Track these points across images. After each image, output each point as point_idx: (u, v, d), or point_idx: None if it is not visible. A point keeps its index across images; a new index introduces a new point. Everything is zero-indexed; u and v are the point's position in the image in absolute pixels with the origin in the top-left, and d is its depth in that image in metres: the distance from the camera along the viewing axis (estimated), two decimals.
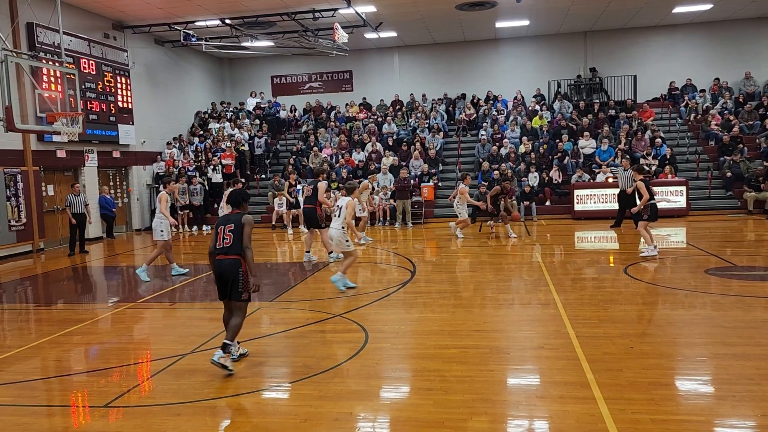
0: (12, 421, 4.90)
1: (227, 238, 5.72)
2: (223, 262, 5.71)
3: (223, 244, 5.73)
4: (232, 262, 5.68)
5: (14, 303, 10.30)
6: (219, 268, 5.75)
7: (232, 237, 5.71)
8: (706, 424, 4.37)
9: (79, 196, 15.03)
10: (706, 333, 6.51)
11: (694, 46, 23.31)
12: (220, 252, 5.74)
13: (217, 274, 5.78)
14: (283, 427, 4.54)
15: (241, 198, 6.08)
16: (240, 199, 6.06)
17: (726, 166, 18.50)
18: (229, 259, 5.68)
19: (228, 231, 5.75)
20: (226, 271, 5.70)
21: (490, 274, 10.48)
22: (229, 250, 5.70)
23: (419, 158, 20.18)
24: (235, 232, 5.72)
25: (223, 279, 5.74)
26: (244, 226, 5.74)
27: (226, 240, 5.73)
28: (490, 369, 5.62)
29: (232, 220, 5.80)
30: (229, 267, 5.68)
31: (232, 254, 5.68)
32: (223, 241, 5.74)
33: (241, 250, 5.69)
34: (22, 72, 13.24)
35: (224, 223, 5.82)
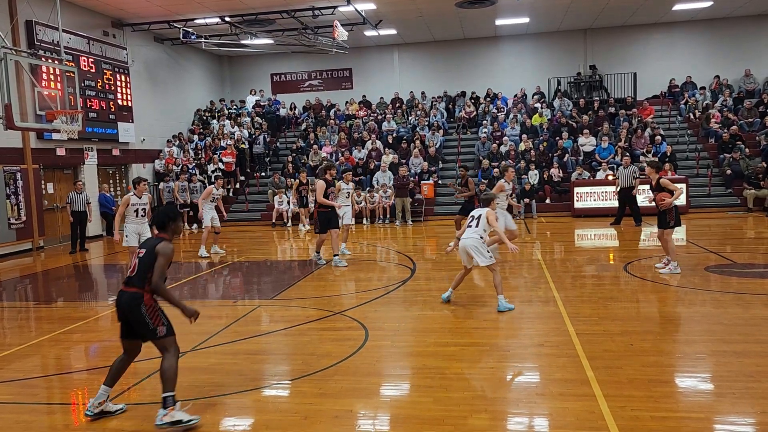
0: (12, 418, 4.90)
1: (132, 265, 4.70)
2: (122, 295, 4.65)
3: (129, 272, 4.71)
4: (131, 296, 4.58)
5: (14, 301, 10.31)
6: (117, 300, 4.69)
7: (137, 266, 4.64)
8: (706, 421, 4.37)
9: (81, 194, 15.04)
10: (706, 330, 6.52)
11: (694, 43, 23.30)
12: (124, 281, 4.72)
13: (117, 307, 4.73)
14: (283, 425, 4.54)
15: (167, 218, 4.80)
16: (165, 220, 4.80)
17: (726, 163, 18.50)
18: (129, 292, 4.60)
19: (136, 257, 4.72)
20: (123, 307, 4.63)
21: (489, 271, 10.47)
22: (130, 281, 4.63)
23: (419, 156, 20.18)
24: (143, 260, 4.62)
25: (122, 315, 4.70)
26: (158, 257, 4.59)
27: (131, 268, 4.70)
28: (490, 366, 5.62)
29: (147, 245, 4.71)
30: (127, 302, 4.59)
31: (133, 287, 4.60)
32: (131, 268, 4.72)
33: (143, 284, 4.57)
34: (22, 70, 13.27)
35: (140, 246, 4.84)
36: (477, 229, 7.78)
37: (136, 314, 4.56)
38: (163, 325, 4.62)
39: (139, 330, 4.63)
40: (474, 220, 7.91)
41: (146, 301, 4.57)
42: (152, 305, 4.61)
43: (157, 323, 4.60)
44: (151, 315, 4.58)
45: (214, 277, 11.26)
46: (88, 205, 15.13)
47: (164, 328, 4.63)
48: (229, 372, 5.71)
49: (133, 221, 10.08)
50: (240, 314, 7.99)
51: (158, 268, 4.57)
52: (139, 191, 10.08)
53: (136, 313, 4.56)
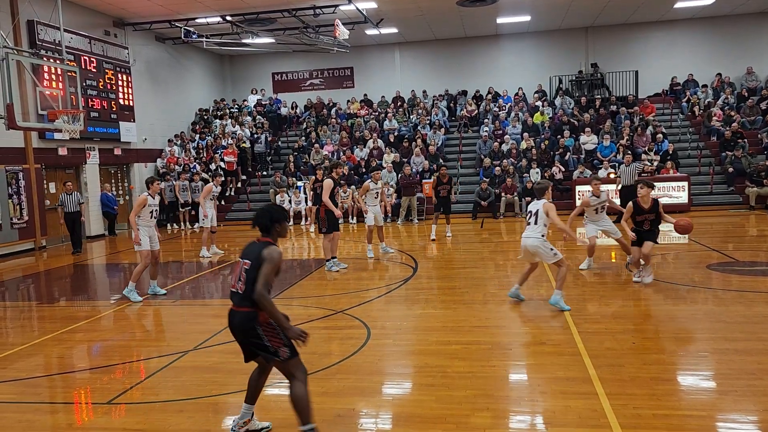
0: (15, 418, 4.91)
1: (241, 279, 4.09)
2: (234, 316, 4.12)
3: (237, 288, 4.11)
4: (244, 317, 4.04)
5: (17, 300, 10.33)
6: (230, 322, 4.17)
7: (245, 280, 4.04)
8: (708, 419, 4.37)
9: (72, 195, 14.70)
10: (708, 328, 6.51)
11: (696, 41, 23.26)
12: (232, 299, 4.16)
13: (231, 329, 4.21)
14: (286, 423, 4.54)
15: (272, 220, 4.18)
16: (269, 221, 4.18)
17: (728, 161, 18.48)
18: (242, 312, 4.06)
19: (243, 269, 4.09)
20: (237, 329, 4.12)
21: (492, 270, 10.49)
22: (240, 299, 4.08)
23: (420, 155, 20.17)
24: (251, 273, 4.02)
25: (238, 337, 4.18)
26: (263, 263, 3.98)
27: (240, 283, 4.08)
28: (492, 365, 5.62)
29: (251, 254, 4.08)
30: (241, 323, 4.07)
31: (245, 306, 4.04)
32: (237, 282, 4.12)
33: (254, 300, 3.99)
34: (24, 70, 13.27)
35: (243, 255, 4.16)
36: (536, 227, 7.39)
37: (253, 336, 4.03)
38: (285, 346, 4.03)
39: (259, 353, 4.11)
40: (532, 216, 7.50)
41: (262, 320, 4.00)
42: (268, 324, 4.01)
43: (278, 345, 4.01)
44: (270, 336, 4.01)
45: (215, 276, 11.26)
46: (80, 205, 14.82)
47: (287, 349, 4.04)
48: (232, 371, 5.72)
49: (147, 223, 9.15)
50: None
51: (263, 276, 3.95)
52: (153, 191, 9.26)
53: (253, 334, 4.02)
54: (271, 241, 4.12)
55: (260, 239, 4.15)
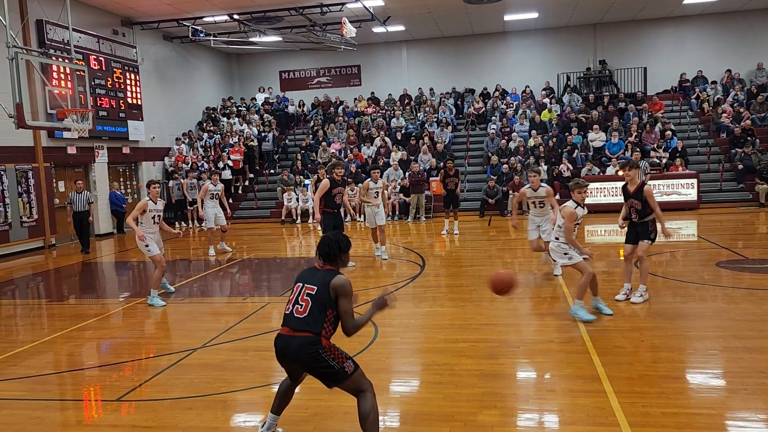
0: (25, 414, 4.95)
1: (300, 303, 3.88)
2: (290, 341, 3.85)
3: (294, 311, 3.88)
4: (305, 342, 3.81)
5: (27, 298, 10.41)
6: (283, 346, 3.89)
7: (309, 306, 3.85)
8: (718, 417, 4.35)
9: (82, 194, 14.57)
10: (718, 326, 6.47)
11: (705, 37, 23.09)
12: (288, 323, 3.90)
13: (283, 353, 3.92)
14: (293, 421, 4.55)
15: (338, 249, 4.02)
16: (336, 251, 4.01)
17: (737, 158, 18.35)
18: (301, 337, 3.82)
19: (306, 294, 3.89)
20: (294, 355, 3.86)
21: (499, 267, 10.46)
22: (299, 323, 3.84)
23: (428, 152, 20.14)
24: (316, 299, 3.85)
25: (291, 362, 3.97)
26: (339, 298, 3.86)
27: (299, 306, 3.87)
28: (500, 363, 5.61)
29: (315, 280, 3.91)
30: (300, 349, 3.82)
31: (305, 331, 3.82)
32: (294, 305, 3.90)
33: (320, 328, 3.81)
34: (32, 69, 13.35)
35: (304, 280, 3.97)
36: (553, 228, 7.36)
37: (316, 361, 3.81)
38: (347, 359, 3.89)
39: (323, 376, 3.88)
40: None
41: (324, 345, 3.82)
42: (330, 346, 3.86)
43: (342, 360, 3.85)
44: (334, 356, 3.84)
45: (223, 274, 11.30)
46: (89, 205, 14.69)
47: (350, 362, 3.89)
48: (240, 368, 5.74)
49: (150, 229, 8.68)
50: (250, 311, 8.03)
51: (347, 313, 3.86)
52: (153, 195, 8.79)
53: (318, 359, 3.80)
54: (336, 270, 3.97)
55: (324, 266, 3.99)
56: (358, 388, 3.89)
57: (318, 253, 4.02)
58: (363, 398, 3.87)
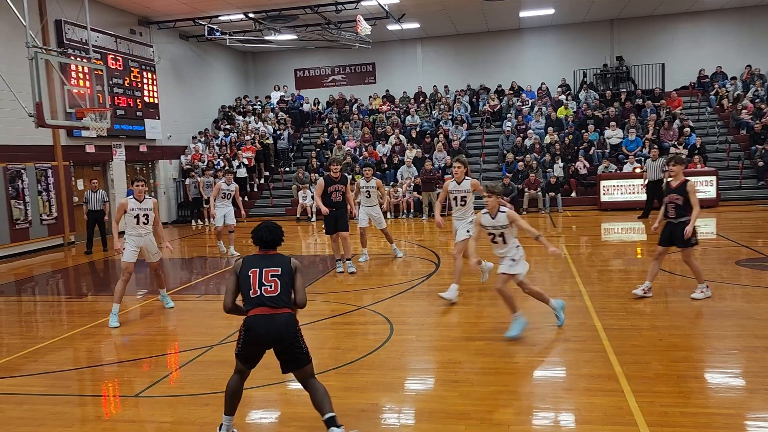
0: (46, 410, 5.02)
1: (268, 284, 4.08)
2: (274, 319, 4.01)
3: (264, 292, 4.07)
4: (289, 319, 4.06)
5: (47, 295, 10.56)
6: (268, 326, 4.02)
7: (279, 284, 4.08)
8: (737, 417, 4.29)
9: (97, 193, 14.31)
10: (737, 325, 6.39)
11: (724, 32, 22.76)
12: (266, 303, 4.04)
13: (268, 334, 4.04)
14: (309, 418, 4.57)
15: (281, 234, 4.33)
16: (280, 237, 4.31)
17: (758, 155, 18.08)
18: (284, 314, 4.05)
19: (270, 275, 4.11)
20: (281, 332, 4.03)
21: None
22: (281, 302, 4.06)
23: (442, 150, 20.09)
24: (283, 278, 4.10)
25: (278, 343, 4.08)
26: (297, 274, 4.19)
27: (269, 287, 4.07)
28: (515, 361, 5.59)
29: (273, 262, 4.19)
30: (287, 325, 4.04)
31: (285, 308, 4.07)
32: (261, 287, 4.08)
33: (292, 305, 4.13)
34: (52, 68, 13.50)
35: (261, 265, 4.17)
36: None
37: (294, 340, 4.04)
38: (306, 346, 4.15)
39: (292, 358, 4.10)
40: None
41: (298, 326, 4.10)
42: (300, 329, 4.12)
43: (306, 348, 4.12)
44: (303, 340, 4.09)
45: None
46: (105, 204, 14.44)
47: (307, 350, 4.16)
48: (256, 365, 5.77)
49: (134, 232, 8.06)
50: None
51: (303, 287, 4.17)
52: (137, 193, 8.07)
53: (294, 339, 4.03)
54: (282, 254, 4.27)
55: (270, 252, 4.25)
56: (311, 372, 4.16)
57: (260, 241, 4.24)
58: (315, 381, 4.16)
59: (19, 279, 11.76)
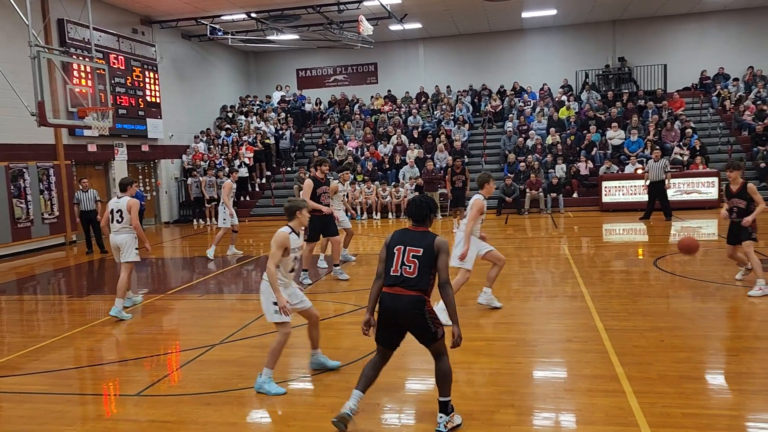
0: (47, 408, 5.02)
1: (408, 264, 4.17)
2: (400, 299, 4.16)
3: (402, 272, 4.17)
4: (414, 301, 4.15)
5: (48, 294, 10.56)
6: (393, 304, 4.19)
7: (418, 265, 4.15)
8: (739, 418, 4.29)
9: (88, 192, 14.04)
10: (739, 326, 6.39)
11: (727, 33, 22.73)
12: (397, 283, 4.17)
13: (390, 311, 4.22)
14: (310, 417, 4.57)
15: (430, 209, 4.37)
16: (428, 210, 4.35)
17: (760, 156, 18.06)
18: (411, 296, 4.14)
19: (411, 255, 4.18)
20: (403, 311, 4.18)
21: (516, 266, 10.40)
22: (412, 284, 4.15)
23: (444, 150, 20.09)
24: (423, 259, 4.16)
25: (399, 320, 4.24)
26: (441, 254, 4.18)
27: (408, 268, 4.16)
28: (517, 362, 5.58)
29: (417, 241, 4.22)
30: (411, 306, 4.15)
31: (416, 290, 4.15)
32: (402, 267, 4.18)
33: (428, 286, 4.20)
34: (54, 68, 13.55)
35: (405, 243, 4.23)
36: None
37: (419, 320, 4.17)
38: (440, 325, 4.26)
39: (421, 336, 4.26)
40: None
41: (428, 308, 4.19)
42: (432, 310, 4.23)
43: (438, 326, 4.23)
44: (434, 320, 4.21)
45: (240, 271, 11.36)
46: (97, 203, 14.12)
47: (442, 329, 4.25)
48: (257, 365, 5.75)
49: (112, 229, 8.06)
50: None
51: (446, 266, 4.20)
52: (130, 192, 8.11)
53: (420, 318, 4.17)
54: (430, 231, 4.32)
55: (416, 228, 4.32)
56: (440, 351, 4.29)
57: (409, 215, 4.36)
58: (443, 361, 4.29)
59: (20, 278, 11.78)
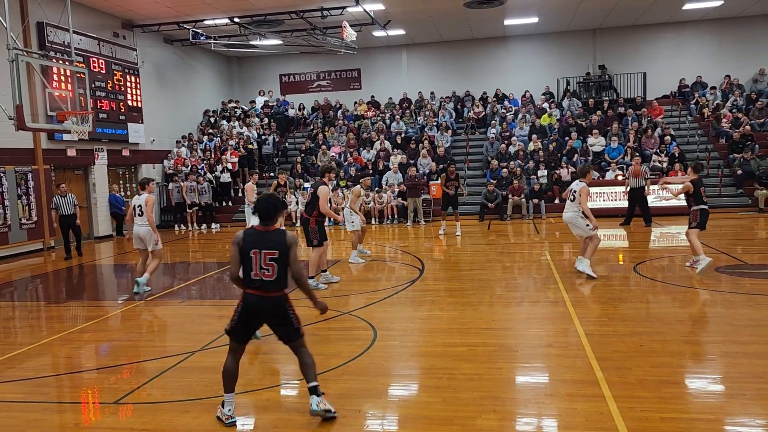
0: (23, 417, 4.94)
1: (268, 269, 4.43)
2: (265, 300, 4.50)
3: (262, 276, 4.44)
4: (278, 301, 4.52)
5: (25, 300, 10.40)
6: (258, 307, 4.52)
7: (275, 268, 4.43)
8: (716, 422, 4.34)
9: (66, 197, 13.91)
10: (717, 331, 6.47)
11: (705, 42, 23.15)
12: (260, 287, 4.46)
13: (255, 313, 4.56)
14: (291, 425, 4.55)
15: (276, 208, 4.58)
16: (273, 210, 4.56)
17: (737, 163, 18.37)
18: (274, 297, 4.50)
19: (269, 260, 4.43)
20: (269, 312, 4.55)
21: (498, 272, 10.46)
22: (273, 286, 4.47)
23: (427, 156, 20.16)
24: (279, 261, 4.44)
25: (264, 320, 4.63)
26: (290, 249, 4.47)
27: (267, 272, 4.43)
28: (498, 367, 5.61)
29: (271, 242, 4.46)
30: (276, 306, 4.52)
31: (278, 291, 4.50)
32: (260, 270, 4.44)
33: (286, 285, 4.53)
34: (33, 71, 13.37)
35: (261, 246, 4.45)
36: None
37: (284, 317, 4.55)
38: (300, 323, 4.64)
39: (284, 334, 4.61)
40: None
41: (290, 304, 4.59)
42: (293, 307, 4.60)
43: (299, 324, 4.61)
44: (296, 318, 4.59)
45: (221, 277, 11.28)
46: (75, 207, 13.99)
47: (301, 327, 4.65)
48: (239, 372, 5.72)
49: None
50: None
51: (296, 259, 4.52)
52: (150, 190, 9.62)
53: (284, 316, 4.55)
54: (280, 228, 4.58)
55: (266, 228, 4.55)
56: (302, 345, 4.63)
57: (258, 215, 4.56)
58: (305, 353, 4.64)
59: None
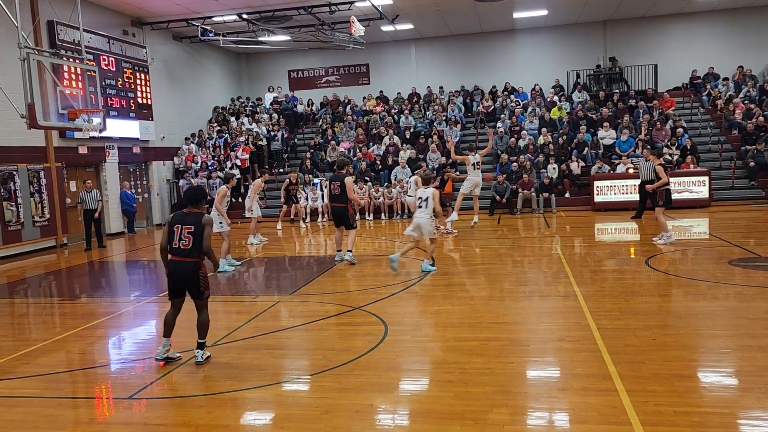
0: (38, 412, 4.99)
1: (185, 239, 5.73)
2: (182, 264, 5.76)
3: (180, 246, 5.75)
4: (194, 265, 5.77)
5: (39, 297, 10.49)
6: (177, 270, 5.82)
7: (191, 240, 5.73)
8: (730, 416, 4.31)
9: (91, 193, 14.95)
10: (730, 324, 6.42)
11: (716, 33, 22.89)
12: (177, 253, 5.77)
13: (173, 274, 5.85)
14: (304, 419, 4.57)
15: (203, 195, 6.03)
16: (201, 197, 5.99)
17: (749, 155, 18.18)
18: (190, 262, 5.75)
19: (187, 233, 5.74)
20: (185, 274, 5.78)
21: (509, 266, 10.44)
22: (190, 253, 5.74)
23: (437, 151, 20.11)
24: (195, 234, 5.73)
25: (181, 281, 5.85)
26: (204, 228, 5.77)
27: (184, 242, 5.74)
28: (510, 361, 5.59)
29: (189, 220, 5.79)
30: (191, 270, 5.76)
31: (193, 257, 5.75)
32: (180, 242, 5.74)
33: (200, 254, 5.76)
34: (44, 69, 13.40)
35: (182, 222, 5.80)
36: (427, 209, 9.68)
37: (195, 279, 5.79)
38: (208, 290, 5.93)
39: (192, 293, 5.86)
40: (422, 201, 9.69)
41: (202, 270, 5.84)
42: (204, 273, 5.86)
43: (206, 288, 5.88)
44: (204, 282, 5.85)
45: (233, 273, 11.32)
46: (98, 203, 15.02)
47: (208, 291, 5.94)
48: (250, 367, 5.76)
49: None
50: (260, 310, 8.05)
51: (209, 236, 5.79)
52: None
53: (195, 278, 5.78)
54: (202, 212, 5.92)
55: (191, 210, 5.88)
56: (204, 305, 5.93)
57: (186, 200, 5.93)
58: (205, 313, 5.94)
59: (11, 281, 11.69)
